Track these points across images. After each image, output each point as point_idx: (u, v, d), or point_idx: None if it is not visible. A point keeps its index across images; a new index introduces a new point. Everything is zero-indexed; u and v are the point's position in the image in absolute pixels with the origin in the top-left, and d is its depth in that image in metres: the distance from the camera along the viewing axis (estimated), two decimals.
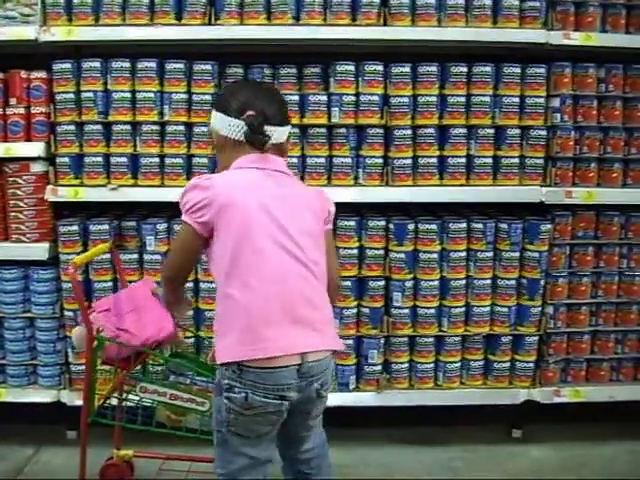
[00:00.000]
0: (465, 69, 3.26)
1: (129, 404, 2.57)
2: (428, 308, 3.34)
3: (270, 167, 2.21)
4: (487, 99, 3.27)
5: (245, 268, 2.06)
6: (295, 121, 3.14)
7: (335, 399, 2.73)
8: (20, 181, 3.25)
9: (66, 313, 3.28)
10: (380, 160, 3.27)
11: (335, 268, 2.37)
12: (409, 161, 3.27)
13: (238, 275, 2.07)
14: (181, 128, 3.22)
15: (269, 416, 2.08)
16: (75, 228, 3.23)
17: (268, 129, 2.19)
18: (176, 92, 3.21)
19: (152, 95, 3.20)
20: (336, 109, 3.23)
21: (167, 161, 3.23)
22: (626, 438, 3.53)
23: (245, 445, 2.11)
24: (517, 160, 3.31)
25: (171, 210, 3.42)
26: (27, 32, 3.12)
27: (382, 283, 3.33)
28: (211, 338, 3.21)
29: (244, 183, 2.15)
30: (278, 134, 2.23)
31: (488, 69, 3.26)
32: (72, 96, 3.21)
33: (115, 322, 2.57)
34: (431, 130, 3.27)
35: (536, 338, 3.40)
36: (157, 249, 3.25)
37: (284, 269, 2.09)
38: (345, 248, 3.25)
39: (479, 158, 3.29)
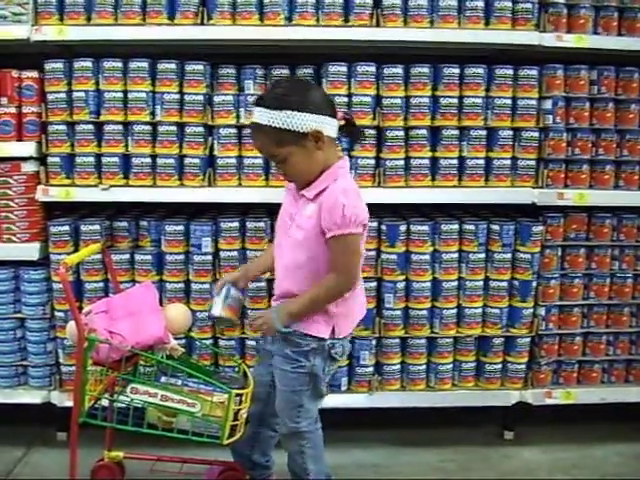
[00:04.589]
0: (457, 70, 3.26)
1: (120, 405, 2.56)
2: (420, 309, 3.33)
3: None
4: (479, 100, 3.28)
5: None
6: None
7: (327, 400, 2.73)
8: (11, 181, 3.23)
9: (57, 314, 3.26)
10: (372, 161, 3.27)
11: None
12: (401, 162, 3.27)
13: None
14: (173, 128, 3.20)
15: None
16: (66, 228, 3.22)
17: None
18: (168, 92, 3.19)
19: (144, 95, 3.19)
20: None
21: (159, 161, 3.22)
22: (617, 440, 3.53)
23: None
24: (509, 162, 3.31)
25: (163, 210, 3.43)
26: (18, 31, 3.09)
27: (374, 284, 3.32)
28: (202, 339, 3.23)
29: None
30: None
31: (480, 70, 3.26)
32: (64, 96, 3.19)
33: (108, 324, 2.56)
34: (423, 131, 3.27)
35: (528, 340, 3.41)
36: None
37: None
38: None
39: (471, 159, 3.29)
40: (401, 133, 3.26)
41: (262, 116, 2.39)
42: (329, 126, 2.45)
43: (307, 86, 2.56)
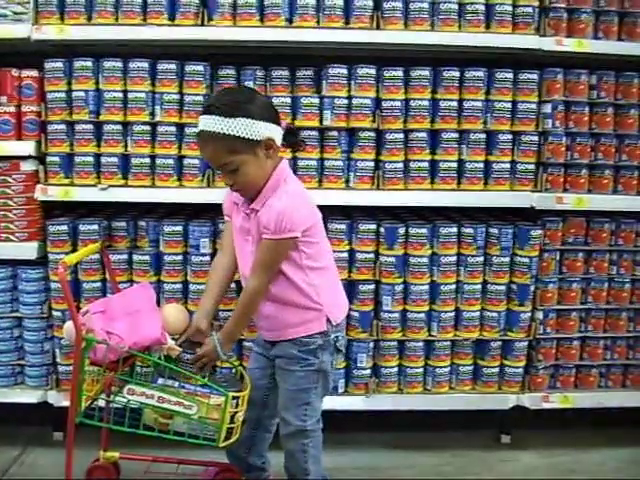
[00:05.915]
0: (457, 74, 3.26)
1: (117, 406, 2.55)
2: (418, 312, 3.33)
3: None
4: (479, 104, 3.28)
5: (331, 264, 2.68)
6: None
7: (324, 403, 2.73)
8: (10, 180, 3.23)
9: (54, 313, 3.26)
10: (371, 163, 3.27)
11: None
12: (400, 165, 3.27)
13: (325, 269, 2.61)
14: (172, 129, 3.20)
15: None
16: (64, 228, 3.21)
17: None
18: (168, 92, 3.19)
19: (143, 95, 3.19)
20: (328, 112, 3.22)
21: (158, 162, 3.22)
22: (615, 444, 3.53)
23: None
24: (508, 165, 3.31)
25: (162, 211, 3.43)
26: (19, 30, 3.10)
27: (372, 287, 3.32)
28: None
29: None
30: None
31: (480, 74, 3.26)
32: (63, 95, 3.19)
33: (106, 325, 2.56)
34: (423, 134, 3.26)
35: (525, 343, 3.40)
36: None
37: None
38: (335, 251, 3.22)
39: (470, 163, 3.29)
40: (401, 136, 3.26)
41: (214, 124, 2.34)
42: (278, 134, 2.45)
43: (255, 94, 2.54)
